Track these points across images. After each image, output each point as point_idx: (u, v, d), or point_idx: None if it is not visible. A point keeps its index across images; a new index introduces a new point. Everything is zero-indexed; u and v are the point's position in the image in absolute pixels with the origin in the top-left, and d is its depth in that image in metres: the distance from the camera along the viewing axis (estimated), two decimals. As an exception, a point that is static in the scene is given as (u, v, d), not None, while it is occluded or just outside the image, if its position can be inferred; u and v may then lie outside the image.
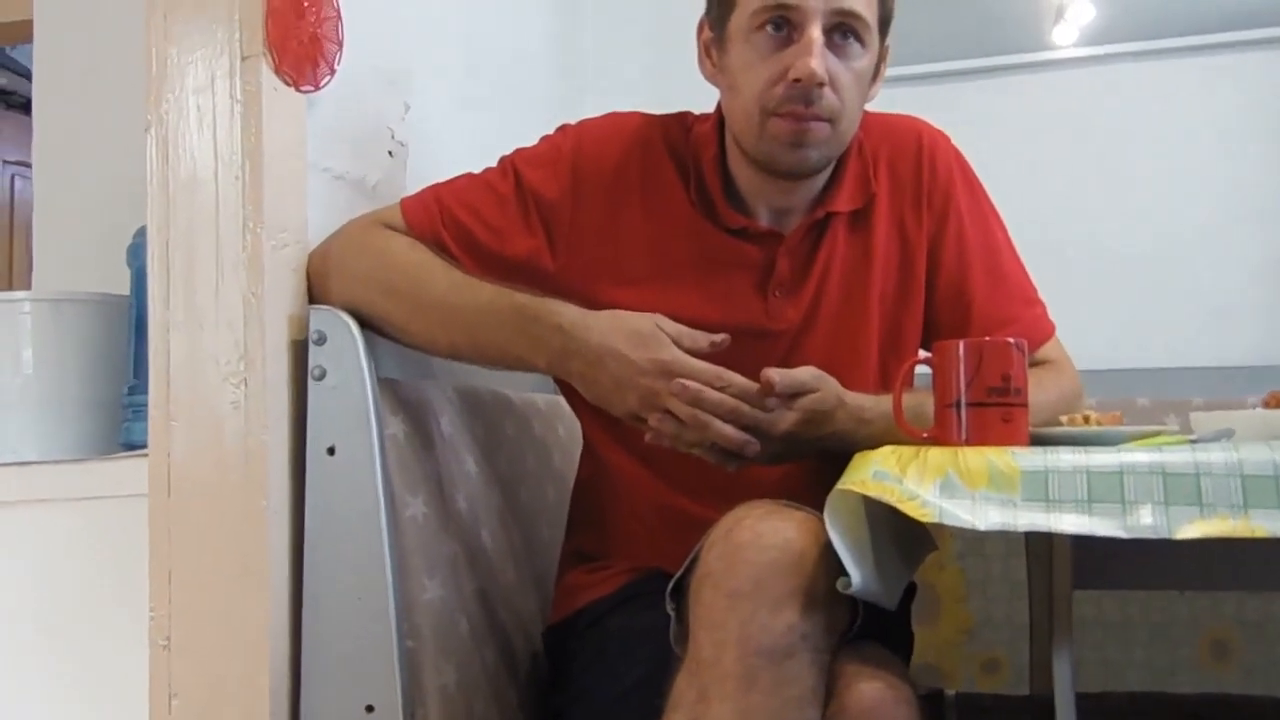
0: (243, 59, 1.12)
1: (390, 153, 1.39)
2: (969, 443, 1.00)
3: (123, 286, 1.51)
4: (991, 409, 1.02)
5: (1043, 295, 1.36)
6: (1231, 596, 1.77)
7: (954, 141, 1.35)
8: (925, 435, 1.05)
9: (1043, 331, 1.30)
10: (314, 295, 1.19)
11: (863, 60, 1.19)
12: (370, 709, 1.08)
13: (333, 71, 1.22)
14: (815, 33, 1.14)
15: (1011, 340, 1.04)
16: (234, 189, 1.11)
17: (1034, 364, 1.23)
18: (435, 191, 1.26)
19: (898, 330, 1.28)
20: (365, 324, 1.17)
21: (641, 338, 1.10)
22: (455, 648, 1.18)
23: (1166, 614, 1.79)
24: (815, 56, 1.14)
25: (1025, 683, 1.68)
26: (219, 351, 1.10)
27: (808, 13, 1.14)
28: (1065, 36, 2.27)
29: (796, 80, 1.14)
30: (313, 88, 1.19)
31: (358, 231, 1.22)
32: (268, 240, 1.12)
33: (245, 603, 1.07)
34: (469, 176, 1.28)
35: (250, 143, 1.12)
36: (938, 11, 2.26)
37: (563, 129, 1.31)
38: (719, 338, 1.10)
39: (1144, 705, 1.77)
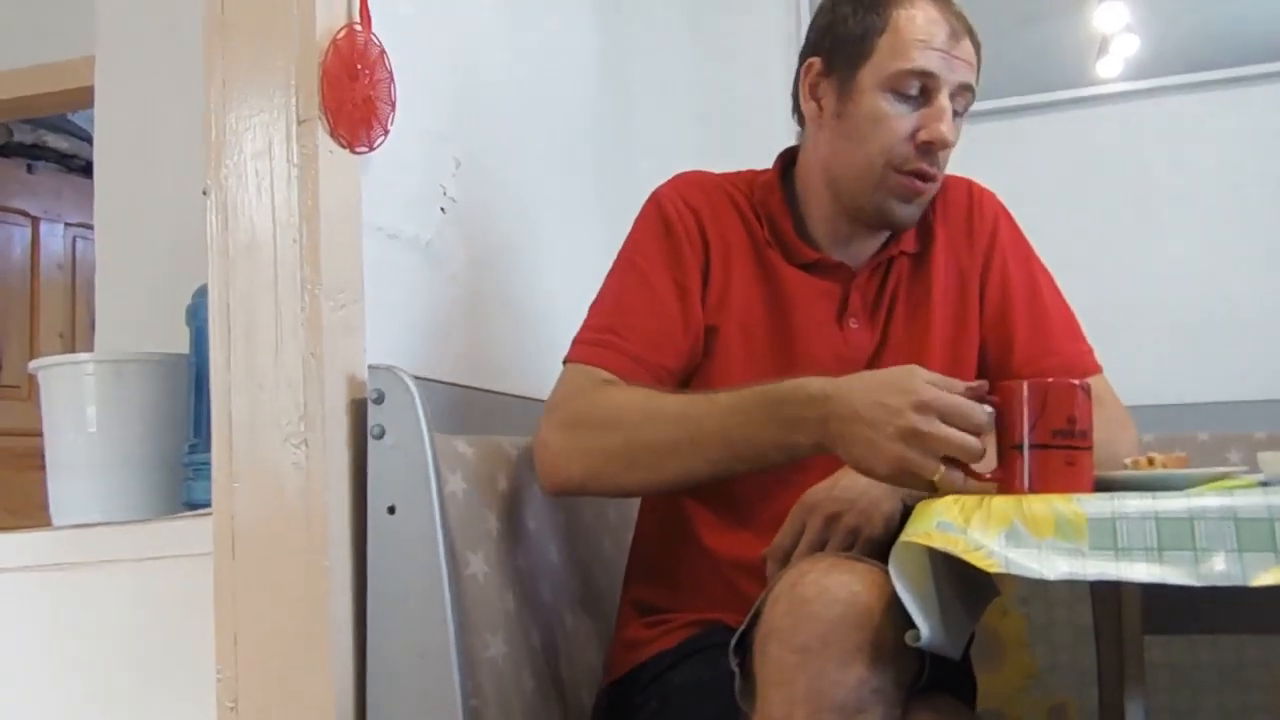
0: (299, 123, 1.14)
1: (442, 209, 1.40)
2: (1032, 488, 0.99)
3: (182, 345, 1.54)
4: (1056, 451, 1.00)
5: (1098, 329, 1.38)
6: (1305, 637, 1.72)
7: (1005, 176, 1.44)
8: (989, 476, 1.04)
9: (1085, 366, 1.32)
10: (555, 491, 1.23)
11: (961, 125, 1.28)
12: (436, 768, 1.08)
13: (386, 132, 1.24)
14: (946, 100, 1.23)
15: (1077, 382, 1.03)
16: (292, 251, 1.13)
17: None
18: (595, 328, 1.26)
19: (957, 360, 1.32)
20: (613, 490, 1.23)
21: (899, 383, 1.03)
22: (519, 705, 1.18)
23: (1237, 656, 1.75)
24: (948, 123, 1.23)
25: (1095, 728, 1.65)
26: (279, 412, 1.11)
27: (942, 82, 1.23)
28: (1110, 69, 2.26)
29: (928, 143, 1.23)
30: (367, 149, 1.21)
31: (575, 404, 1.20)
32: (326, 301, 1.13)
33: (310, 663, 1.08)
34: (607, 299, 1.29)
35: (307, 205, 1.13)
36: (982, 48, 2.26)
37: (651, 205, 1.33)
38: (977, 384, 1.04)
39: (1218, 751, 1.73)
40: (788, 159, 1.37)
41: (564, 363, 1.25)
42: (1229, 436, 2.00)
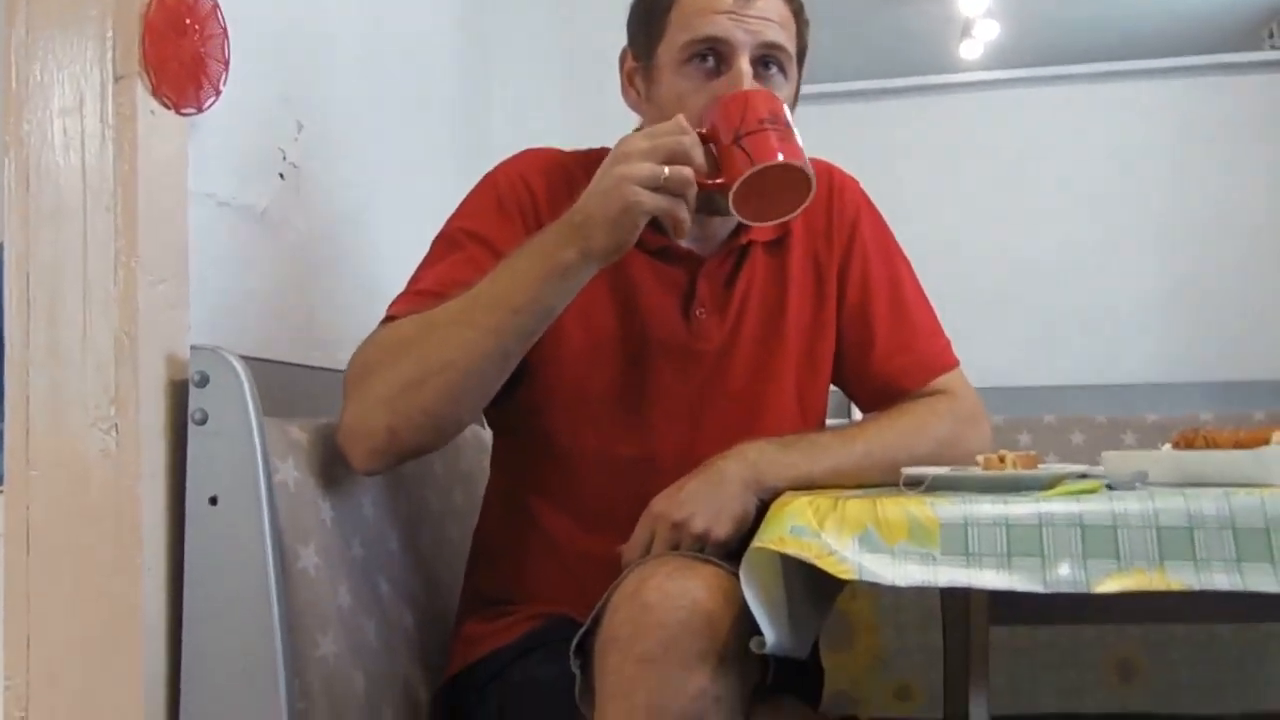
0: (116, 79, 1.04)
1: (281, 175, 1.31)
2: (755, 159, 1.05)
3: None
4: (768, 132, 1.07)
5: (949, 312, 1.38)
6: (1138, 620, 1.78)
7: (866, 159, 1.42)
8: (719, 181, 1.07)
9: (944, 362, 1.32)
10: (366, 461, 1.14)
11: (784, 90, 1.21)
12: (257, 776, 1.01)
13: (218, 92, 1.14)
14: (744, 64, 1.17)
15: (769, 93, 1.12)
16: (105, 220, 1.03)
17: (932, 393, 1.28)
18: (408, 292, 1.19)
19: (812, 355, 1.29)
20: (426, 421, 1.12)
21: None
22: (351, 706, 1.11)
23: (1075, 637, 1.80)
24: (745, 88, 1.14)
25: (938, 707, 1.67)
26: (86, 395, 1.01)
27: (736, 45, 1.17)
28: (971, 52, 2.29)
29: None
30: (195, 110, 1.11)
31: (363, 353, 1.15)
32: (143, 275, 1.03)
33: (116, 669, 0.99)
34: (426, 264, 1.22)
35: (124, 170, 1.03)
36: (846, 29, 2.25)
37: (485, 178, 1.27)
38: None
39: (1053, 726, 1.78)
40: None
41: None
42: (1073, 419, 2.07)
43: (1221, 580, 0.90)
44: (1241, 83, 2.17)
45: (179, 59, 1.08)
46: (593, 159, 1.27)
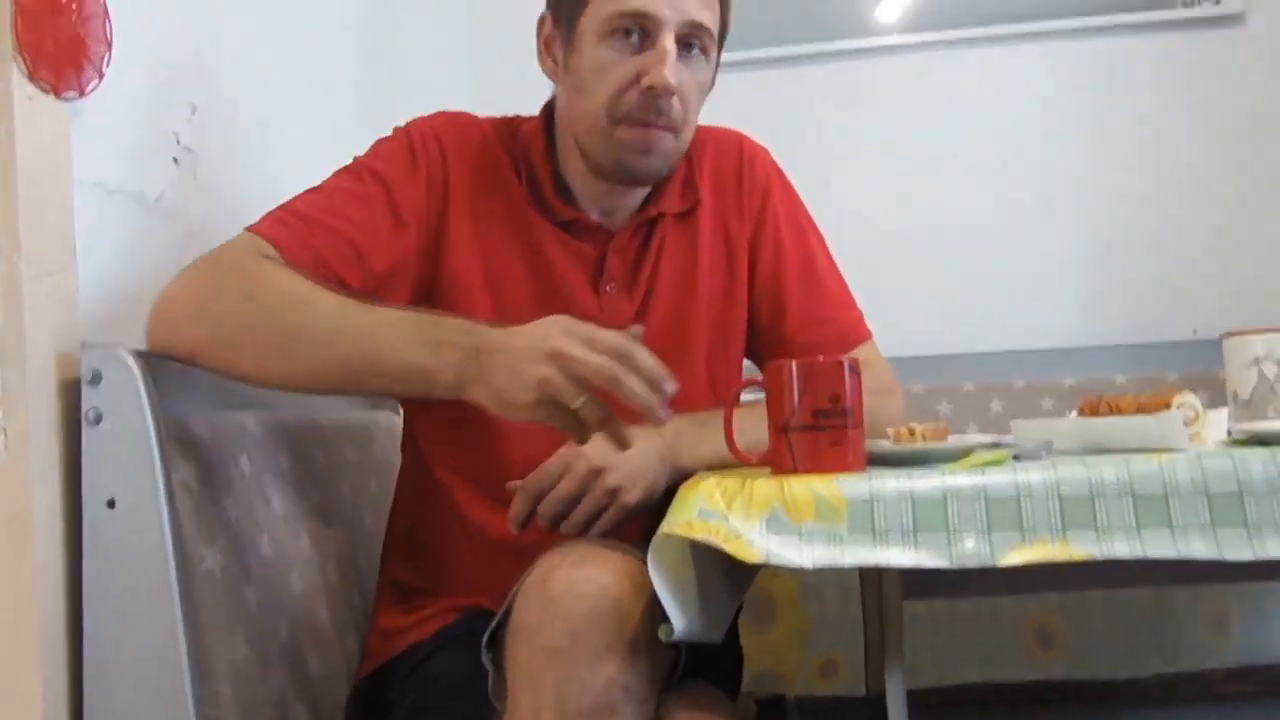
0: (-11, 66, 0.99)
1: (175, 159, 1.27)
2: (800, 470, 0.97)
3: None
4: (821, 433, 0.98)
5: (868, 281, 1.39)
6: (1054, 586, 1.81)
7: (780, 126, 1.47)
8: (755, 460, 1.02)
9: (856, 334, 1.33)
10: (158, 345, 1.07)
11: (705, 72, 1.21)
12: (167, 786, 0.99)
13: (101, 75, 1.10)
14: (669, 43, 1.15)
15: (843, 360, 1.01)
16: (-17, 214, 0.98)
17: None
18: (291, 210, 1.14)
19: (724, 328, 1.29)
20: (224, 365, 1.06)
21: (551, 319, 1.00)
22: (264, 709, 1.09)
23: (993, 606, 1.83)
24: (669, 66, 1.14)
25: (862, 683, 1.69)
26: (-29, 397, 0.97)
27: (661, 22, 1.15)
28: (888, 15, 2.28)
29: (649, 89, 1.14)
30: (77, 94, 1.07)
31: (222, 265, 1.08)
32: (27, 269, 0.99)
33: (14, 681, 0.96)
34: (318, 190, 1.17)
35: (3, 159, 0.99)
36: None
37: (402, 128, 1.24)
38: (635, 330, 1.01)
39: (976, 695, 1.81)
40: (552, 110, 1.28)
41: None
42: (991, 387, 2.09)
43: (1122, 548, 0.91)
44: (1157, 41, 2.19)
45: (56, 40, 1.04)
46: (510, 128, 1.26)
